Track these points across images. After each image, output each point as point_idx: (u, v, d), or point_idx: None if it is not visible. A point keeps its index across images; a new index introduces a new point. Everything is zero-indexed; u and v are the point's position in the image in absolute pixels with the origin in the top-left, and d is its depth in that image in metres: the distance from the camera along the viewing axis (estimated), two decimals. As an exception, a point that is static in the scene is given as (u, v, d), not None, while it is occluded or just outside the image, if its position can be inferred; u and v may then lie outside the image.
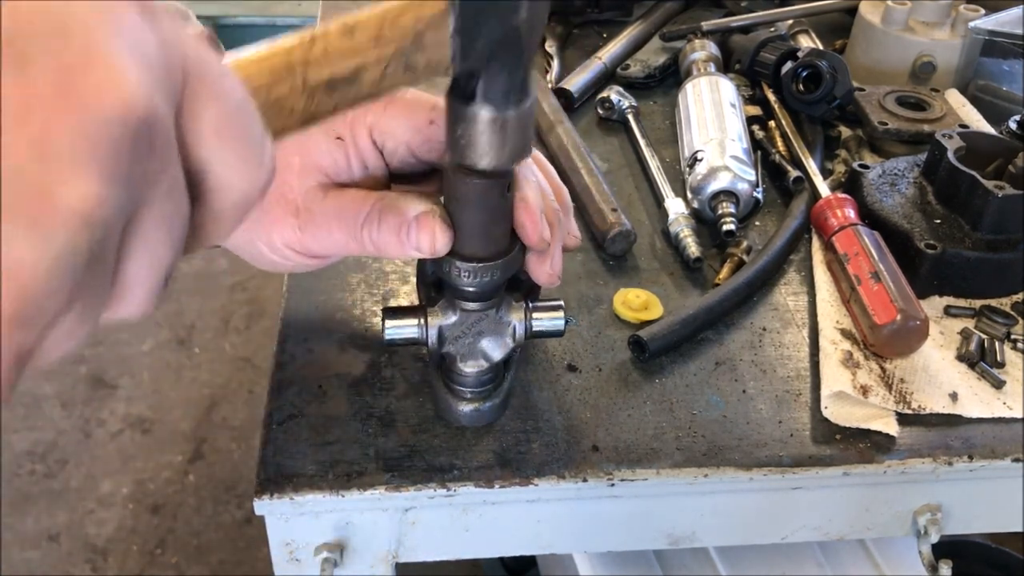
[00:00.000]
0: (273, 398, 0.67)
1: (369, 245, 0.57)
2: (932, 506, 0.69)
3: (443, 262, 0.58)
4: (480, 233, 0.56)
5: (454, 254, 0.57)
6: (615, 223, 0.82)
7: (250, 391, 2.20)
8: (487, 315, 0.61)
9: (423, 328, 0.61)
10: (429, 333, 0.61)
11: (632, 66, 1.11)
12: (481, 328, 0.62)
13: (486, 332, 0.62)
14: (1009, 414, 0.68)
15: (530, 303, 0.63)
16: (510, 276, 0.60)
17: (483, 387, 0.63)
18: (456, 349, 0.62)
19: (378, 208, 0.57)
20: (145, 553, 1.85)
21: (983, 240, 0.78)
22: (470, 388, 0.63)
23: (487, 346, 0.62)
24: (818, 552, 1.05)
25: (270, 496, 0.60)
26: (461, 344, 0.62)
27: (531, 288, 0.66)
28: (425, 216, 0.55)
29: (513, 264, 0.59)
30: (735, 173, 0.85)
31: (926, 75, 1.08)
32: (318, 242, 0.59)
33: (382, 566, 0.66)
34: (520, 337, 0.63)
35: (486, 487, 0.62)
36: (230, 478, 2.00)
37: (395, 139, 0.60)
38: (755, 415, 0.68)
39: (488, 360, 0.62)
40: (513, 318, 0.62)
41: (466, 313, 0.61)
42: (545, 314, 0.63)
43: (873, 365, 0.71)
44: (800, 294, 0.80)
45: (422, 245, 0.55)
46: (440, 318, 0.61)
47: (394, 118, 0.59)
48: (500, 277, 0.58)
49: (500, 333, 0.62)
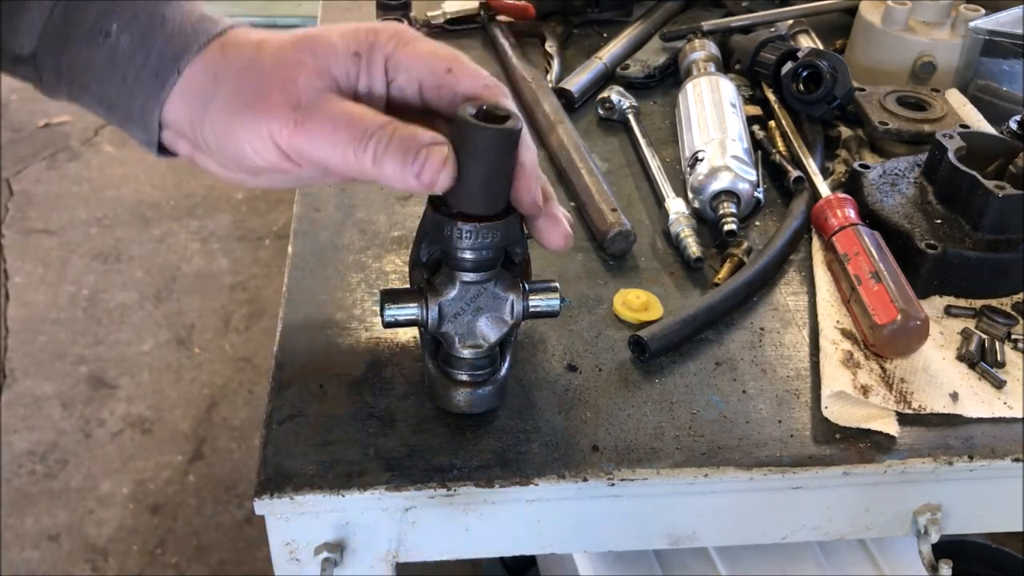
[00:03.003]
0: (273, 398, 0.67)
1: (367, 161, 0.55)
2: (932, 506, 0.69)
3: (444, 225, 0.59)
4: (483, 186, 0.57)
5: (455, 215, 0.58)
6: (615, 223, 0.82)
7: (250, 391, 2.20)
8: (485, 289, 0.62)
9: (423, 307, 0.62)
10: (429, 311, 0.62)
11: (631, 66, 1.11)
12: (480, 304, 0.62)
13: (485, 308, 0.62)
14: (1009, 414, 0.68)
15: (526, 284, 0.64)
16: (508, 243, 0.61)
17: (479, 371, 0.64)
18: (455, 328, 0.62)
19: (392, 127, 0.55)
20: (145, 553, 1.85)
21: (984, 240, 0.78)
22: (466, 372, 0.63)
23: (485, 326, 0.62)
24: (818, 552, 1.05)
25: (270, 496, 0.60)
26: (460, 322, 0.62)
27: (524, 272, 0.67)
28: (438, 146, 0.55)
29: (512, 228, 0.60)
30: (736, 173, 0.85)
31: (926, 75, 1.07)
32: (311, 142, 0.55)
33: (382, 566, 0.66)
34: (518, 315, 0.63)
35: (486, 487, 0.62)
36: (230, 478, 2.00)
37: (409, 75, 0.59)
38: (755, 415, 0.68)
39: (485, 341, 0.62)
40: (511, 294, 0.63)
41: (465, 287, 0.61)
42: (541, 294, 0.64)
43: (873, 365, 0.71)
44: (800, 294, 0.80)
45: (426, 173, 0.54)
46: (439, 295, 0.62)
47: (414, 55, 0.58)
48: (499, 240, 0.59)
49: (498, 310, 0.62)
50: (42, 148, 3.00)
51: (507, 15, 1.20)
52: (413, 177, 0.55)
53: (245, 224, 2.71)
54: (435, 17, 1.20)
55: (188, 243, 2.63)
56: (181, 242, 2.62)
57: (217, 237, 2.66)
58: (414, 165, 0.54)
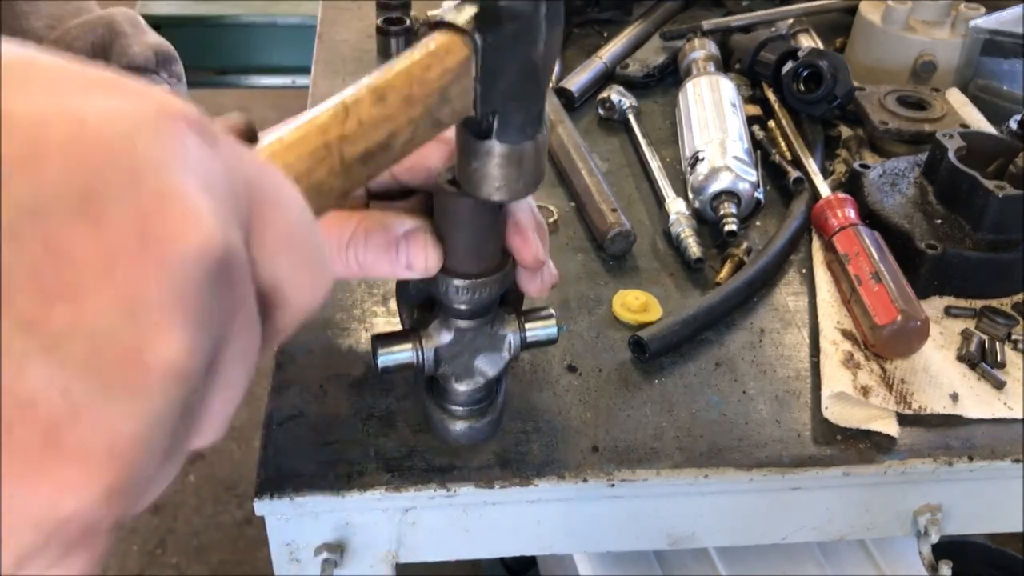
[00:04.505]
0: (273, 398, 0.67)
1: (355, 265, 0.54)
2: (932, 506, 0.69)
3: (438, 281, 0.56)
4: (473, 251, 0.55)
5: (448, 272, 0.55)
6: (615, 223, 0.82)
7: (250, 391, 2.19)
8: (482, 332, 0.60)
9: (418, 352, 0.59)
10: (425, 356, 0.59)
11: (631, 65, 1.11)
12: (477, 345, 0.60)
13: (482, 348, 0.60)
14: (1009, 415, 0.68)
15: (520, 314, 0.62)
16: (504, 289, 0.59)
17: (477, 404, 0.62)
18: (452, 369, 0.60)
19: (364, 226, 0.53)
20: (145, 553, 1.85)
21: (984, 240, 0.78)
22: (464, 406, 0.61)
23: (483, 363, 0.60)
24: (818, 552, 1.05)
25: (270, 496, 0.60)
26: (457, 364, 0.60)
27: (516, 297, 0.64)
28: (415, 233, 0.53)
29: (507, 279, 0.58)
30: (736, 173, 0.85)
31: (927, 74, 1.07)
32: None
33: (382, 566, 0.66)
34: (516, 350, 0.61)
35: (486, 487, 0.62)
36: (230, 478, 2.00)
37: None
38: (755, 415, 0.68)
39: (484, 377, 0.60)
40: (508, 331, 0.61)
41: (461, 331, 0.59)
42: (538, 323, 0.62)
43: (874, 366, 0.71)
44: (800, 294, 0.80)
45: (414, 262, 0.53)
46: (435, 340, 0.59)
47: None
48: (495, 293, 0.57)
49: (496, 348, 0.60)
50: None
51: (507, 15, 1.20)
52: (403, 268, 0.54)
53: (245, 223, 2.71)
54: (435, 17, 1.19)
55: (188, 242, 2.63)
56: (181, 241, 2.63)
57: (217, 236, 2.66)
58: (399, 256, 0.53)
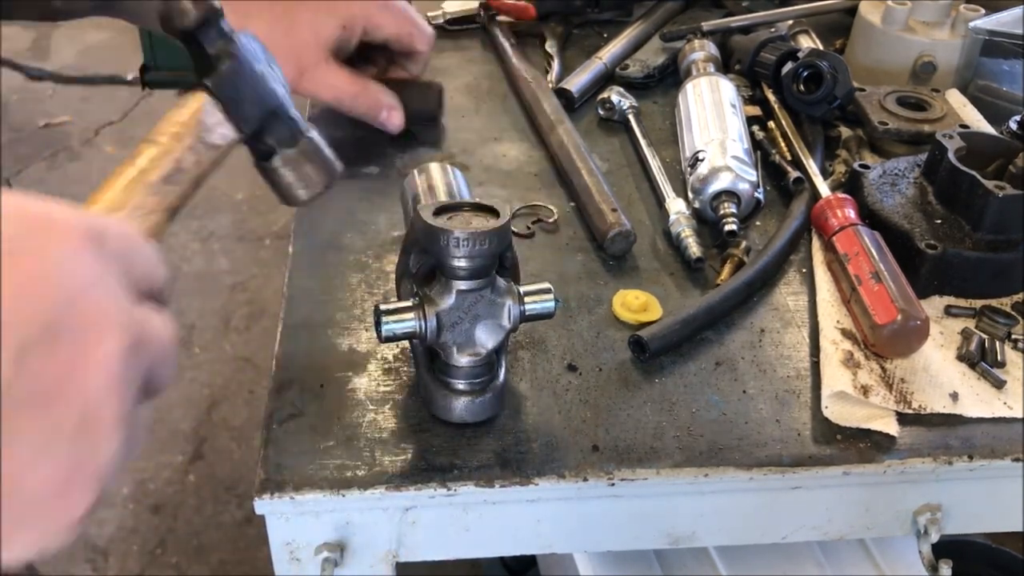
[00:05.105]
0: (273, 398, 0.67)
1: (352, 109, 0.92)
2: (932, 506, 0.69)
3: (438, 235, 0.59)
4: None
5: None
6: (615, 223, 0.82)
7: (250, 391, 2.20)
8: (482, 296, 0.62)
9: (420, 318, 0.61)
10: (427, 322, 0.61)
11: (631, 66, 1.11)
12: (477, 311, 0.62)
13: (482, 315, 0.62)
14: (1009, 414, 0.68)
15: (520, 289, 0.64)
16: (502, 249, 0.62)
17: (477, 379, 0.63)
18: (453, 338, 0.62)
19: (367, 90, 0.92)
20: (145, 553, 1.85)
21: (984, 240, 0.78)
22: (464, 380, 0.63)
23: (483, 333, 0.62)
24: (818, 552, 1.05)
25: (270, 496, 0.60)
26: (458, 331, 0.62)
27: (513, 275, 0.67)
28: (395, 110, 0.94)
29: (504, 235, 0.61)
30: (736, 173, 0.85)
31: (926, 75, 1.07)
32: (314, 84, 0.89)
33: (382, 566, 0.66)
34: (515, 319, 0.63)
35: (486, 487, 0.62)
36: (230, 478, 2.00)
37: (382, 32, 0.92)
38: (755, 415, 0.68)
39: (484, 348, 0.62)
40: (507, 299, 0.63)
41: (462, 295, 0.61)
42: (536, 296, 0.64)
43: (874, 365, 0.71)
44: (800, 294, 0.80)
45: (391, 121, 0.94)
46: (436, 304, 0.61)
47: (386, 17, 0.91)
48: (494, 248, 0.60)
49: (495, 315, 0.62)
50: (42, 148, 3.00)
51: (507, 15, 1.20)
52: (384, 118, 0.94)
53: (245, 224, 2.71)
54: (435, 17, 1.20)
55: (188, 243, 2.63)
56: (181, 242, 2.62)
57: (217, 237, 2.66)
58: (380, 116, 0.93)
